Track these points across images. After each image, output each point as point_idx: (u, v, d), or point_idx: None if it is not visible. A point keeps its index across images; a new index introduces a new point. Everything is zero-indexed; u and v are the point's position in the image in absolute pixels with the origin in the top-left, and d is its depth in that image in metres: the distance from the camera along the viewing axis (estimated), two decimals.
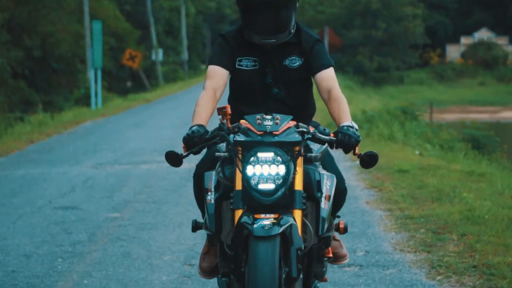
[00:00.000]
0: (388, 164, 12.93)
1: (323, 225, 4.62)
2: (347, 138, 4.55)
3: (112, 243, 7.67)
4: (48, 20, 36.59)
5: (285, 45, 4.93)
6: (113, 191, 10.68)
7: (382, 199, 9.99)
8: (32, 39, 35.99)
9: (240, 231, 4.40)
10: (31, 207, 9.53)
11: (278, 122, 4.53)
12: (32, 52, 35.77)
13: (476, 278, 6.39)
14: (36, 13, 36.27)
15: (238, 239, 4.41)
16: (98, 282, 6.36)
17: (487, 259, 6.83)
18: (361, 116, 19.19)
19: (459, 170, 12.67)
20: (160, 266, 6.79)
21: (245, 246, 4.40)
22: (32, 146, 16.64)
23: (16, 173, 12.50)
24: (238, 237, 4.41)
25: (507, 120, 56.35)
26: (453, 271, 6.61)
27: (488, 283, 6.20)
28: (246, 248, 4.40)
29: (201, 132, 4.60)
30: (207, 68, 4.94)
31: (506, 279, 6.21)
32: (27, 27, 36.01)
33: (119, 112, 27.19)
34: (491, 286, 6.11)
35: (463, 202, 9.42)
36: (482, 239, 7.55)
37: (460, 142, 18.64)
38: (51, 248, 7.47)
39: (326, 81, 4.88)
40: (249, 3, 4.81)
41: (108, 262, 6.96)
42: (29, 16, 35.56)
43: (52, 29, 36.02)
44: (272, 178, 4.46)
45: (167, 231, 8.14)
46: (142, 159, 13.66)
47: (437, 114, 51.85)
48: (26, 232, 8.18)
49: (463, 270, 6.61)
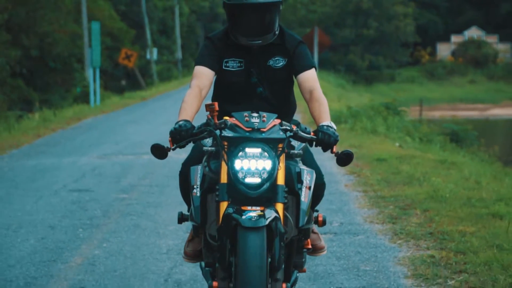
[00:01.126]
0: (368, 154, 14.18)
1: (303, 217, 4.81)
2: (327, 138, 4.78)
3: (123, 217, 8.92)
4: (46, 20, 36.75)
5: (270, 46, 5.13)
6: (120, 177, 11.93)
7: (359, 182, 11.26)
8: (30, 39, 36.57)
9: (227, 222, 4.59)
10: (49, 190, 10.77)
11: (264, 120, 4.75)
12: (30, 51, 36.58)
13: (431, 242, 7.64)
14: (34, 13, 36.85)
15: (225, 230, 4.60)
16: (115, 245, 7.62)
17: (442, 228, 8.10)
18: (346, 112, 20.47)
19: (432, 159, 13.95)
20: (166, 234, 8.04)
21: (232, 237, 4.59)
22: (40, 140, 17.86)
23: (29, 163, 13.74)
24: (225, 227, 4.61)
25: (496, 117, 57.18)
26: (412, 237, 7.87)
27: (440, 245, 7.46)
28: (232, 238, 4.60)
29: (187, 127, 4.75)
30: (194, 68, 5.13)
31: (455, 242, 7.47)
32: (25, 27, 36.59)
33: (117, 109, 28.38)
34: (441, 247, 7.37)
35: (430, 185, 10.69)
36: (441, 213, 8.81)
37: (439, 135, 19.92)
38: (71, 221, 8.72)
39: (308, 82, 5.08)
40: (236, 7, 4.98)
41: (121, 231, 8.21)
42: (27, 16, 36.05)
43: (50, 29, 36.54)
44: (259, 173, 4.68)
45: (170, 208, 9.38)
46: (143, 151, 14.90)
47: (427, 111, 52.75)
48: (48, 209, 9.42)
49: (421, 236, 7.87)
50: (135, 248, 7.53)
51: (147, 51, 57.22)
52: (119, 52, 48.26)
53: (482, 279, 6.19)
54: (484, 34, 78.54)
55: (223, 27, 5.18)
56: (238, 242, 4.52)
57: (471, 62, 76.25)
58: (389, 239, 7.86)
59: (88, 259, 7.10)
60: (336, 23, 74.49)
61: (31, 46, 35.91)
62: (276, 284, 4.71)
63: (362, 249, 7.48)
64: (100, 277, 6.54)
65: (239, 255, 4.50)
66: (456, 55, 77.28)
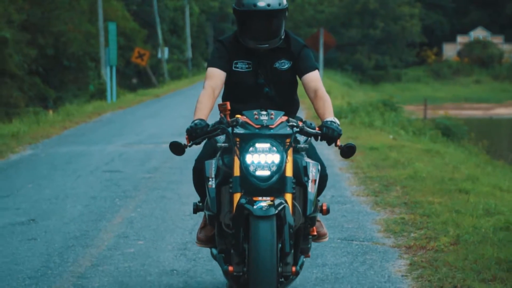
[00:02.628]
0: (363, 144, 15.88)
1: (310, 206, 5.22)
2: (331, 132, 5.18)
3: (151, 191, 10.69)
4: (61, 20, 37.91)
5: (276, 50, 5.50)
6: (144, 161, 13.70)
7: (351, 166, 13.00)
8: (46, 38, 37.98)
9: (240, 212, 5.00)
10: (84, 171, 12.55)
11: (273, 117, 5.14)
12: (46, 50, 38.05)
13: (404, 209, 9.37)
14: (49, 13, 38.38)
15: (238, 219, 5.02)
16: (147, 210, 9.38)
17: (414, 199, 9.83)
18: (346, 107, 22.23)
19: (419, 148, 15.69)
20: (189, 203, 9.78)
21: (245, 225, 5.00)
22: (67, 131, 19.64)
23: (62, 150, 15.51)
24: (238, 217, 5.02)
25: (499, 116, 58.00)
26: (389, 205, 9.62)
27: (410, 211, 9.18)
28: (245, 226, 5.00)
29: (202, 125, 5.17)
30: (206, 70, 5.50)
31: (423, 208, 9.19)
32: (41, 26, 38.05)
33: (133, 105, 30.14)
34: (411, 212, 9.10)
35: (412, 168, 12.40)
36: (416, 188, 10.55)
37: (432, 130, 21.66)
38: (108, 193, 10.49)
39: (312, 82, 5.46)
40: (245, 13, 5.36)
41: (151, 200, 9.98)
42: (42, 17, 37.12)
43: (64, 29, 37.95)
44: (268, 166, 5.07)
45: (190, 185, 11.08)
46: (161, 140, 16.65)
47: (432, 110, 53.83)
48: (87, 185, 11.20)
49: (396, 204, 9.61)
50: (163, 211, 9.29)
51: (158, 50, 58.73)
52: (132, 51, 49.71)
53: (437, 232, 7.93)
54: (489, 35, 79.52)
55: (232, 31, 5.64)
56: (250, 230, 4.94)
57: (476, 62, 77.33)
58: (370, 207, 9.61)
59: (127, 219, 8.87)
60: (343, 23, 75.59)
61: (47, 45, 37.18)
62: (286, 267, 5.15)
63: (347, 213, 9.21)
64: (139, 230, 8.32)
65: (252, 241, 4.91)
66: (462, 55, 78.37)
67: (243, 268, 5.10)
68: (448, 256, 6.93)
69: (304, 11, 75.66)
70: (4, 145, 15.93)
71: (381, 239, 7.95)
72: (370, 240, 7.91)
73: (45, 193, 10.51)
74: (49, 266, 6.88)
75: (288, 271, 5.14)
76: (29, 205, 9.69)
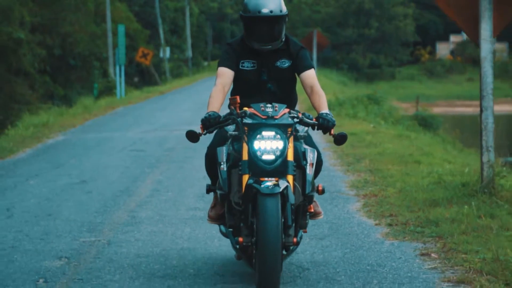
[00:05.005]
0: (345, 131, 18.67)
1: (309, 186, 5.87)
2: (326, 122, 5.85)
3: (171, 163, 13.50)
4: (67, 22, 39.74)
5: (277, 51, 6.13)
6: (161, 143, 16.51)
7: (332, 147, 15.77)
8: (53, 39, 40.12)
9: (249, 191, 5.60)
10: (114, 150, 15.35)
11: (276, 109, 5.75)
12: (53, 50, 40.29)
13: (368, 174, 12.14)
14: (56, 15, 40.74)
15: (247, 197, 5.63)
16: (170, 174, 12.19)
17: (378, 167, 12.61)
18: (334, 101, 25.04)
19: (393, 134, 18.48)
20: (201, 171, 12.51)
21: (253, 202, 5.60)
22: (88, 122, 22.45)
23: (89, 136, 18.31)
24: (247, 195, 5.62)
25: None
26: (357, 171, 12.40)
27: (372, 174, 11.96)
28: (253, 203, 5.60)
29: (215, 116, 5.78)
30: (217, 69, 6.09)
31: (382, 173, 11.98)
32: (49, 28, 40.18)
33: (141, 101, 32.92)
34: (373, 175, 11.87)
35: (382, 147, 15.18)
36: (380, 161, 13.33)
37: (409, 120, 24.47)
38: (138, 164, 13.30)
39: (309, 79, 6.12)
40: (251, 19, 5.97)
41: (172, 169, 12.79)
42: (50, 18, 38.99)
43: (71, 30, 39.92)
44: (273, 151, 5.68)
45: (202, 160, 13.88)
46: (173, 128, 19.44)
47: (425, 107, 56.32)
48: (119, 160, 13.99)
49: (363, 171, 12.40)
50: (183, 175, 12.11)
51: (160, 50, 61.12)
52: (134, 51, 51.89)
53: (387, 186, 10.73)
54: None
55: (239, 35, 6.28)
56: (258, 206, 5.56)
57: (469, 61, 77.95)
58: (343, 172, 12.41)
59: (156, 180, 11.68)
60: (339, 23, 77.01)
61: (54, 45, 39.05)
62: (288, 238, 5.82)
63: (325, 177, 11.97)
64: (167, 186, 11.12)
65: (259, 216, 5.53)
66: (455, 54, 79.56)
67: (251, 239, 5.80)
68: (391, 199, 9.74)
69: (301, 11, 77.02)
70: (40, 132, 18.77)
71: (346, 191, 10.75)
72: (338, 192, 10.70)
73: (87, 165, 13.33)
74: (107, 206, 9.69)
75: (290, 241, 5.84)
76: (78, 172, 12.51)
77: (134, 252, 7.36)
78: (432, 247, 7.41)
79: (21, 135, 18.22)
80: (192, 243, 7.71)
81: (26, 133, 18.70)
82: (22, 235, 8.10)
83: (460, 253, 7.06)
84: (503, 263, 6.54)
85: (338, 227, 8.48)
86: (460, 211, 8.62)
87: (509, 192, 9.41)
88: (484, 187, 9.34)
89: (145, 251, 7.40)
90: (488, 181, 9.35)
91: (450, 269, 6.67)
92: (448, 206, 8.97)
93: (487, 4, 9.28)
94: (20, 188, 11.03)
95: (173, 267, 6.80)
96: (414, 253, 7.25)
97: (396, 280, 6.41)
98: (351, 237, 7.97)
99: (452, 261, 6.87)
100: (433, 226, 8.17)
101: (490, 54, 9.55)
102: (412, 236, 7.88)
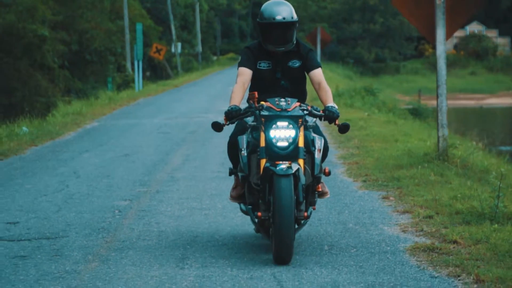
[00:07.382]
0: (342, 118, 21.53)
1: (317, 168, 6.64)
2: (331, 114, 6.61)
3: (195, 142, 16.41)
4: (84, 19, 42.28)
5: (289, 52, 6.88)
6: (184, 127, 19.42)
7: (328, 130, 18.63)
8: (71, 35, 41.89)
9: (266, 172, 6.37)
10: (145, 133, 18.27)
11: (289, 103, 6.49)
12: (71, 46, 42.10)
13: (354, 149, 14.98)
14: (73, 12, 42.77)
15: (265, 177, 6.39)
16: (196, 150, 15.10)
17: (363, 145, 15.48)
18: (334, 92, 27.90)
19: (382, 120, 21.34)
20: (220, 147, 15.44)
21: (270, 182, 6.37)
22: (115, 111, 25.38)
23: (120, 122, 21.23)
24: (265, 176, 6.38)
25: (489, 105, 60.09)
26: (346, 147, 15.27)
27: (358, 150, 14.82)
28: (270, 183, 6.36)
29: (237, 109, 6.55)
30: (238, 69, 6.81)
31: (366, 148, 14.84)
32: (67, 25, 41.96)
33: (158, 93, 35.82)
34: (359, 150, 14.73)
35: (370, 131, 18.05)
36: (367, 140, 16.20)
37: (401, 110, 27.32)
38: (167, 142, 16.21)
39: (317, 77, 6.85)
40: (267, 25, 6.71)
41: (196, 146, 15.70)
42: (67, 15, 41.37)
43: (88, 27, 42.38)
44: (286, 139, 6.40)
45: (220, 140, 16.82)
46: (193, 115, 22.35)
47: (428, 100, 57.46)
48: (150, 140, 16.89)
49: (351, 147, 15.25)
50: (206, 151, 15.04)
51: (172, 45, 63.63)
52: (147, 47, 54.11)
53: (368, 157, 13.60)
54: (484, 29, 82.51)
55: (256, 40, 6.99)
56: (274, 185, 6.29)
57: (472, 55, 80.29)
58: (335, 148, 15.28)
59: (184, 154, 14.59)
60: (345, 18, 79.38)
61: (72, 41, 41.41)
62: (300, 213, 6.61)
63: None
64: (194, 158, 14.02)
65: (275, 194, 6.26)
66: (458, 49, 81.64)
67: (268, 214, 6.58)
68: (368, 165, 12.63)
69: (308, 8, 79.18)
70: (77, 119, 21.73)
71: (334, 160, 13.64)
72: (329, 161, 13.58)
73: (125, 144, 16.25)
74: (150, 170, 12.60)
75: (301, 215, 6.65)
76: (120, 148, 15.43)
77: (177, 196, 10.28)
78: (392, 194, 10.29)
79: (62, 122, 21.14)
80: (218, 191, 10.63)
81: (66, 120, 21.63)
82: (93, 188, 11.00)
83: (410, 197, 9.93)
84: (437, 201, 9.41)
85: (326, 183, 11.32)
86: (418, 172, 11.50)
87: (459, 159, 12.29)
88: (439, 155, 12.22)
89: (185, 195, 10.31)
90: (442, 151, 12.23)
91: (401, 205, 9.54)
92: (409, 169, 11.85)
93: (441, 14, 12.12)
94: (77, 159, 13.96)
95: (207, 205, 9.70)
96: (378, 197, 10.14)
97: (361, 211, 9.29)
98: (334, 188, 10.83)
99: (403, 201, 9.74)
100: (396, 181, 11.05)
101: (444, 53, 12.33)
102: (379, 188, 10.76)
